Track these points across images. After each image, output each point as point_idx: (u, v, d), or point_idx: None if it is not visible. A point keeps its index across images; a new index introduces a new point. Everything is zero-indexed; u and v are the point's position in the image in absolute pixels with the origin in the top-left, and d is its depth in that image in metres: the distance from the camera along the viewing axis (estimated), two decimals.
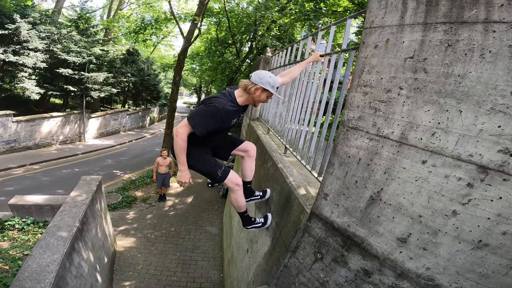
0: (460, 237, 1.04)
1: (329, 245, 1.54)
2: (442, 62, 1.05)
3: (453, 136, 1.03)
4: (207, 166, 2.03)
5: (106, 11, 18.72)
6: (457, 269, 1.08)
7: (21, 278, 1.98)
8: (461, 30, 1.00)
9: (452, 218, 1.05)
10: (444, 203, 1.06)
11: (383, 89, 1.26)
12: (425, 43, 1.10)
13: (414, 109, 1.14)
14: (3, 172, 8.81)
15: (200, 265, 4.64)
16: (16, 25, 10.27)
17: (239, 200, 2.22)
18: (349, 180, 1.43)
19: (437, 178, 1.07)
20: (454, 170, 1.02)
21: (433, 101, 1.08)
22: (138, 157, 12.83)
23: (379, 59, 1.29)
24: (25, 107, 12.61)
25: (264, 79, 1.85)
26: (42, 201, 4.33)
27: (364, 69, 1.37)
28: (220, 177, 2.05)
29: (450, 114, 1.03)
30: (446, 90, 1.04)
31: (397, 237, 1.22)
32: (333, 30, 2.24)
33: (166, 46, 27.02)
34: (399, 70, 1.20)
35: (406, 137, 1.16)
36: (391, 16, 1.24)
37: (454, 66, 1.02)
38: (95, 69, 13.91)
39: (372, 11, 1.33)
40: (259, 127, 4.94)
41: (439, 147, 1.06)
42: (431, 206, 1.10)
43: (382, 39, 1.28)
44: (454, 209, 1.04)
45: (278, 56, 4.23)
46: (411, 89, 1.15)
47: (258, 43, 10.49)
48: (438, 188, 1.07)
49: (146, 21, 11.05)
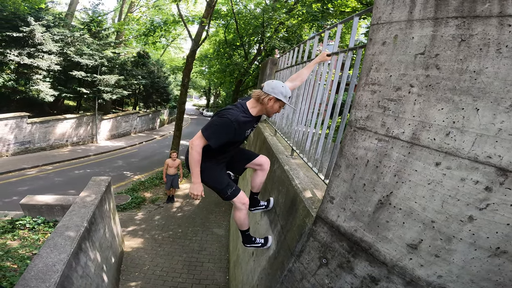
0: (476, 243, 0.97)
1: (335, 250, 1.47)
2: (456, 57, 0.99)
3: (469, 136, 0.96)
4: (218, 184, 2.06)
5: (117, 14, 19.15)
6: (472, 277, 1.01)
7: (27, 277, 2.00)
8: (474, 24, 0.94)
9: (468, 224, 0.98)
10: (459, 208, 0.99)
11: (393, 87, 1.20)
12: (437, 38, 1.04)
13: (426, 107, 1.07)
14: (17, 172, 9.07)
15: (206, 267, 4.62)
16: (30, 28, 10.46)
17: (243, 218, 2.26)
18: (357, 183, 1.36)
19: (452, 182, 1.00)
20: (470, 172, 0.95)
21: (447, 98, 1.01)
22: (148, 158, 12.98)
23: (388, 56, 1.23)
24: (40, 109, 12.97)
25: (277, 89, 1.82)
26: (53, 201, 4.41)
27: (372, 67, 1.31)
28: (229, 196, 2.09)
29: (466, 112, 0.96)
30: (461, 87, 0.98)
31: (407, 243, 1.15)
32: (340, 29, 2.18)
33: (175, 48, 27.44)
34: (409, 67, 1.14)
35: (418, 137, 1.09)
36: (399, 12, 1.19)
37: (469, 62, 0.96)
38: (107, 72, 14.18)
39: (379, 7, 1.29)
40: (266, 128, 4.90)
41: (454, 148, 0.99)
42: (445, 211, 1.02)
43: (390, 35, 1.22)
44: (470, 215, 0.97)
45: (285, 57, 4.19)
46: (422, 86, 1.09)
47: (266, 45, 10.47)
48: (453, 192, 1.00)
49: (155, 24, 11.22)
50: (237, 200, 2.12)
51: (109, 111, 17.32)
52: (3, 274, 2.66)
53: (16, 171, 9.08)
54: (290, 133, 3.25)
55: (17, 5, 10.41)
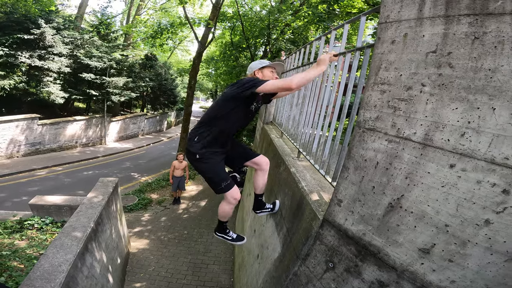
0: (493, 248, 0.93)
1: (342, 254, 1.43)
2: (470, 55, 0.95)
3: (485, 136, 0.91)
4: (215, 175, 2.07)
5: (125, 17, 19.46)
6: (487, 282, 0.97)
7: (32, 277, 2.01)
8: (487, 22, 0.91)
9: (484, 228, 0.93)
10: (475, 212, 0.95)
11: (403, 86, 1.16)
12: (449, 36, 1.01)
13: (439, 107, 1.03)
14: (27, 173, 9.25)
15: (211, 268, 4.60)
16: (41, 30, 10.65)
17: (227, 211, 2.30)
18: (366, 185, 1.33)
19: (467, 184, 0.95)
20: (487, 175, 0.91)
21: (461, 98, 0.97)
22: (155, 160, 13.10)
23: (397, 55, 1.19)
24: (50, 110, 13.24)
25: (254, 65, 2.04)
26: (61, 201, 4.47)
27: (381, 66, 1.27)
28: (222, 188, 2.09)
29: (481, 112, 0.92)
30: (476, 86, 0.94)
31: (418, 247, 1.10)
32: (347, 29, 2.15)
33: (182, 51, 27.74)
34: (420, 66, 1.10)
35: (431, 138, 1.05)
36: (408, 10, 1.16)
37: (484, 60, 0.92)
38: (115, 74, 14.37)
39: (386, 5, 1.26)
40: (272, 130, 4.87)
41: (470, 149, 0.95)
42: (460, 215, 0.98)
43: (399, 34, 1.19)
44: (487, 218, 0.92)
45: (291, 59, 4.17)
46: (435, 85, 1.05)
47: (272, 47, 10.47)
48: (468, 195, 0.95)
49: (162, 26, 11.35)
50: (229, 195, 2.15)
51: (117, 113, 17.56)
52: (10, 273, 2.69)
53: (27, 172, 9.27)
54: (296, 135, 3.22)
55: (28, 8, 10.54)
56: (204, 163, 2.00)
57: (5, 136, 9.95)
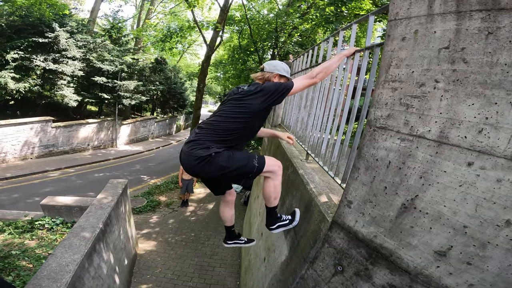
0: None
1: (352, 257, 1.38)
2: (484, 50, 0.93)
3: (504, 132, 0.87)
4: (242, 160, 1.72)
5: (136, 21, 19.89)
6: (508, 286, 0.92)
7: (39, 277, 2.02)
8: (500, 17, 0.89)
9: (506, 229, 0.88)
10: (495, 212, 0.90)
11: (415, 83, 1.13)
12: (461, 32, 0.99)
13: (454, 103, 0.99)
14: (40, 174, 9.48)
15: (217, 271, 4.57)
16: (55, 34, 10.88)
17: (279, 188, 1.88)
18: (377, 186, 1.28)
19: (486, 183, 0.91)
20: (508, 172, 0.86)
21: (477, 93, 0.94)
22: (164, 163, 13.22)
23: (409, 52, 1.17)
24: (64, 113, 13.59)
25: (279, 66, 1.88)
26: (72, 202, 4.54)
27: (392, 63, 1.24)
28: (258, 167, 1.73)
29: (499, 107, 0.88)
30: (493, 81, 0.90)
31: (434, 250, 1.05)
32: (355, 29, 2.12)
33: (191, 55, 28.13)
34: (433, 62, 1.07)
35: (447, 135, 1.01)
36: (417, 7, 1.15)
37: (499, 55, 0.89)
38: (126, 77, 14.63)
39: (395, 3, 1.24)
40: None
41: (488, 146, 0.90)
42: (479, 216, 0.93)
43: (410, 31, 1.17)
44: (508, 219, 0.87)
45: (299, 61, 4.15)
46: (449, 81, 1.01)
47: (280, 50, 10.49)
48: (488, 194, 0.91)
49: (171, 30, 11.53)
50: (269, 167, 1.78)
51: (128, 116, 17.87)
52: (18, 273, 2.73)
53: (40, 173, 9.50)
54: (305, 137, 3.18)
55: (43, 11, 10.70)
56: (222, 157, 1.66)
57: (19, 138, 10.26)
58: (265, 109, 1.76)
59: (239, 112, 1.71)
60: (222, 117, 1.74)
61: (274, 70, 1.86)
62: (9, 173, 8.88)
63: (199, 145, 1.67)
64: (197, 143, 1.68)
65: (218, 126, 1.72)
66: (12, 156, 10.16)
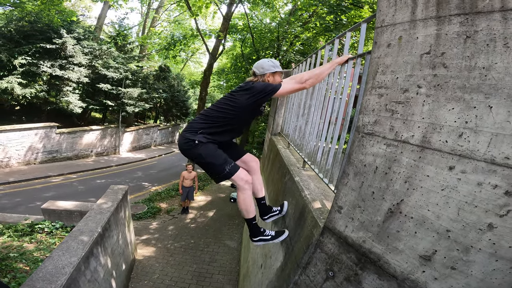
0: (498, 254, 0.88)
1: (342, 262, 1.39)
2: (463, 55, 0.95)
3: (484, 136, 0.89)
4: (216, 159, 1.86)
5: (141, 29, 20.28)
6: None
7: (35, 278, 2.04)
8: (478, 20, 0.92)
9: (488, 233, 0.89)
10: (477, 216, 0.91)
11: (400, 89, 1.16)
12: (441, 36, 1.02)
13: (436, 108, 1.02)
14: (43, 179, 9.56)
15: (215, 278, 4.53)
16: (63, 40, 11.07)
17: (248, 201, 1.98)
18: (365, 191, 1.30)
19: (468, 187, 0.92)
20: (488, 176, 0.88)
21: (457, 98, 0.96)
22: (166, 170, 13.26)
23: (393, 58, 1.20)
24: (68, 120, 13.78)
25: (265, 65, 1.94)
26: (72, 207, 4.57)
27: (378, 70, 1.28)
28: (227, 173, 1.86)
29: (478, 111, 0.90)
30: (471, 85, 0.93)
31: (419, 254, 1.06)
32: (349, 36, 2.17)
33: (195, 63, 28.54)
34: (415, 68, 1.10)
35: (429, 140, 1.03)
36: (401, 13, 1.18)
37: (477, 58, 0.92)
38: (130, 85, 14.79)
39: (381, 10, 1.28)
40: (279, 141, 4.87)
41: (469, 150, 0.92)
42: (461, 219, 0.94)
43: (394, 37, 1.20)
44: (490, 222, 0.88)
45: (298, 69, 4.21)
46: (430, 86, 1.04)
47: (282, 59, 10.62)
48: (469, 198, 0.92)
49: (175, 38, 11.73)
50: (237, 178, 1.89)
51: (131, 123, 18.02)
52: (14, 275, 2.74)
53: (42, 178, 9.58)
54: (302, 145, 3.21)
55: (51, 17, 10.86)
56: (203, 148, 1.84)
57: (23, 143, 10.40)
58: (251, 105, 1.90)
59: (229, 105, 1.89)
60: (214, 107, 1.95)
61: (264, 71, 1.94)
62: (12, 178, 8.97)
63: (190, 128, 1.90)
64: (190, 126, 1.93)
65: (210, 114, 1.92)
66: (15, 161, 10.28)
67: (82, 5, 23.20)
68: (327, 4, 7.17)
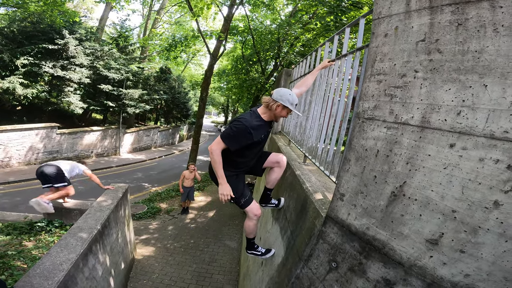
0: (507, 234, 0.86)
1: (345, 252, 1.36)
2: (456, 40, 1.00)
3: (481, 112, 0.91)
4: (235, 191, 2.12)
5: (142, 30, 20.34)
6: (505, 275, 0.88)
7: (32, 274, 2.00)
8: (468, 9, 0.97)
9: (495, 211, 0.87)
10: (482, 193, 0.89)
11: (398, 74, 1.19)
12: (435, 25, 1.07)
13: (433, 90, 1.04)
14: None
15: (215, 278, 4.48)
16: (65, 41, 11.06)
17: (252, 228, 2.35)
18: (367, 175, 1.28)
19: (470, 163, 0.92)
20: (489, 151, 0.87)
21: (453, 79, 0.99)
22: (166, 172, 13.22)
23: (390, 46, 1.25)
24: (69, 120, 13.78)
25: (284, 97, 1.97)
26: (72, 205, 4.56)
27: (376, 58, 1.31)
28: (242, 205, 2.21)
29: (474, 90, 0.93)
30: (466, 67, 0.96)
31: (426, 238, 1.04)
32: (348, 33, 2.18)
33: (196, 65, 28.65)
34: (412, 54, 1.14)
35: (428, 120, 1.04)
36: (397, 5, 1.24)
37: (469, 43, 0.97)
38: (131, 86, 14.78)
39: (378, 3, 1.34)
40: (280, 139, 4.87)
41: (468, 127, 0.93)
42: (466, 198, 0.93)
43: (391, 27, 1.26)
44: (495, 199, 0.87)
45: (298, 68, 4.26)
46: (427, 70, 1.07)
47: (283, 60, 10.65)
48: (472, 175, 0.91)
49: (176, 39, 11.76)
50: (249, 210, 2.25)
51: (132, 125, 18.00)
52: (11, 272, 2.71)
53: None
54: (302, 140, 3.21)
55: (54, 18, 10.81)
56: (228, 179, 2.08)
57: (24, 143, 10.39)
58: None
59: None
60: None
61: (279, 99, 1.97)
62: (13, 177, 8.95)
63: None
64: None
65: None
66: (16, 161, 10.26)
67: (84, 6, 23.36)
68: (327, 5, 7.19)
